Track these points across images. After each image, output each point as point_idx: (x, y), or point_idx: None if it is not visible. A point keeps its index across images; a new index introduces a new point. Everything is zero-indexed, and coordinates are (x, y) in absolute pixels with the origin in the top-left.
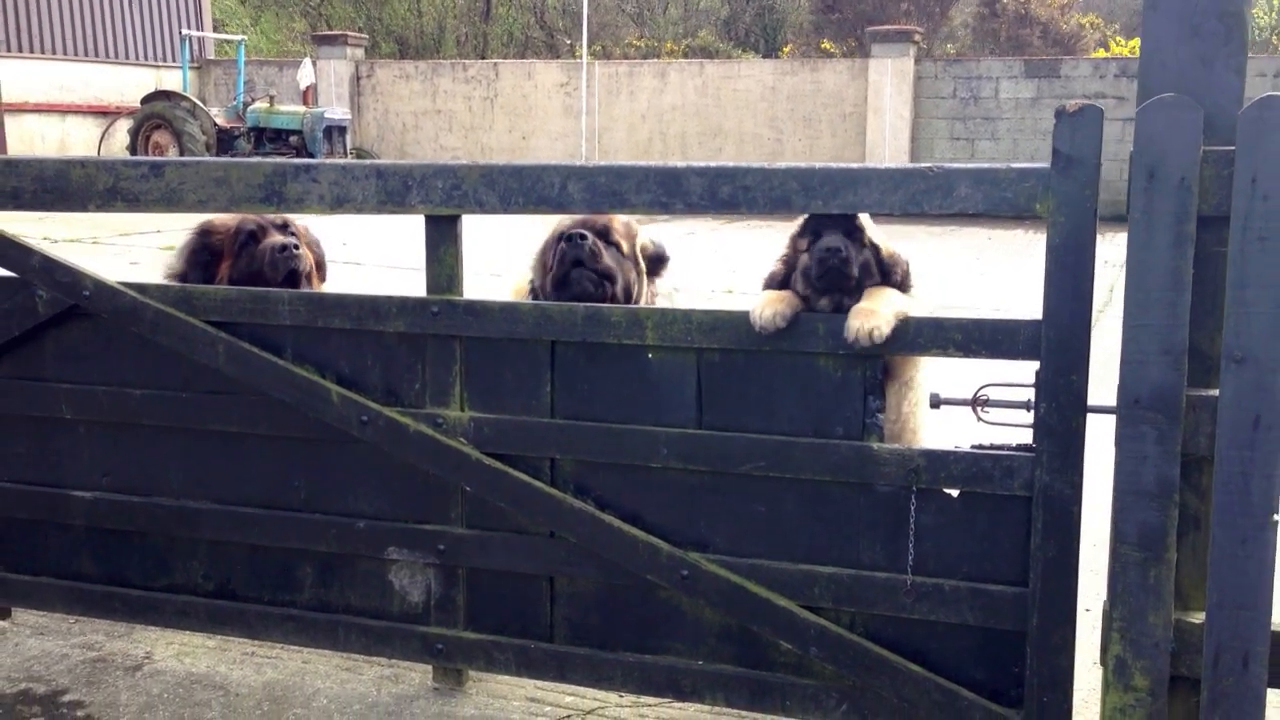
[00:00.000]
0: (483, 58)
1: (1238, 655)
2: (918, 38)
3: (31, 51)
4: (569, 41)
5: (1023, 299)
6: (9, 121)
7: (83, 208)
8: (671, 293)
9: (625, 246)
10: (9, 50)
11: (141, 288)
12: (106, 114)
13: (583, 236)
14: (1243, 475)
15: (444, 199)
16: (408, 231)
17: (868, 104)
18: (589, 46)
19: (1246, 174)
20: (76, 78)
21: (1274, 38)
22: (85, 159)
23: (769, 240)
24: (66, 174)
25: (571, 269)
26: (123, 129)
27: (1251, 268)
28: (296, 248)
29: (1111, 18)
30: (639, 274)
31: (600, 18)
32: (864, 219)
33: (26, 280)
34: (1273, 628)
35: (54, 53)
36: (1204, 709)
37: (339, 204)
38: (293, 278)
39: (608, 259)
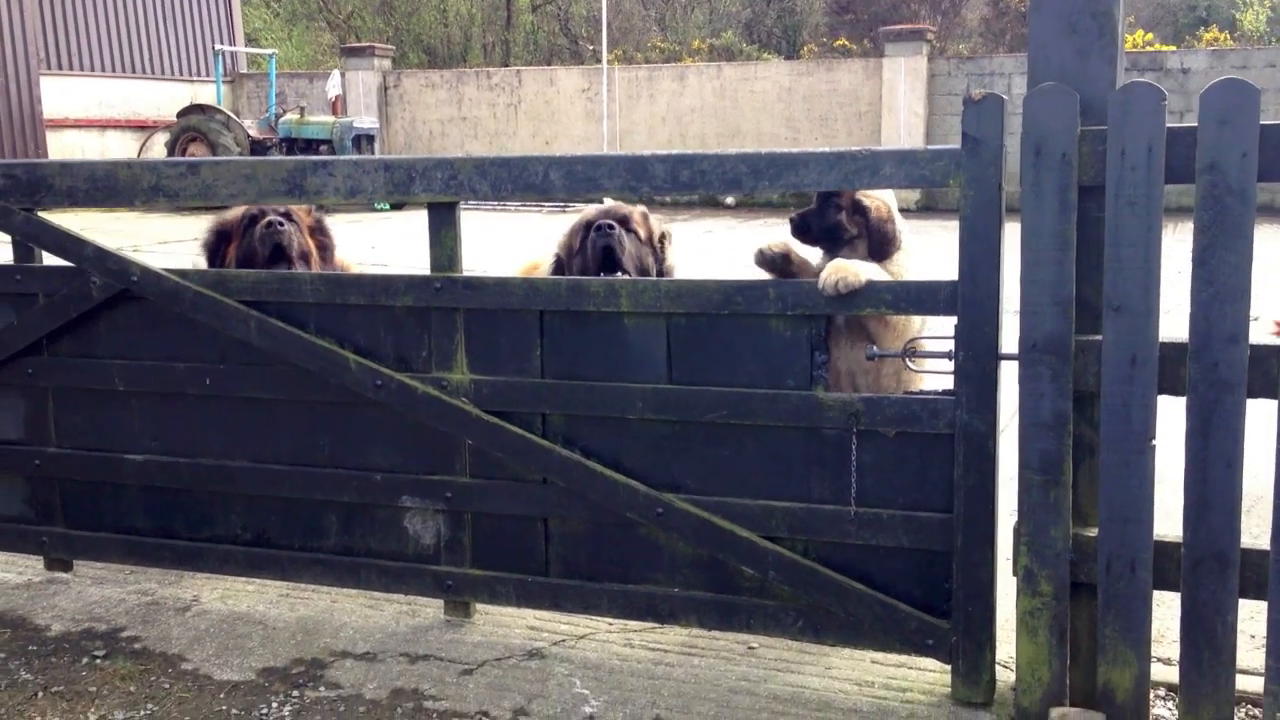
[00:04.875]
0: (507, 65)
1: (1126, 562)
2: (931, 36)
3: (71, 69)
4: (592, 47)
5: None
6: (51, 137)
7: (130, 204)
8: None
9: (642, 233)
10: (50, 68)
11: (183, 273)
12: (144, 128)
13: (610, 226)
14: (1124, 406)
15: (443, 187)
16: (428, 238)
17: (882, 102)
18: (613, 51)
19: (1117, 149)
20: (115, 93)
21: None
22: (131, 161)
23: (780, 237)
24: (115, 174)
25: (602, 254)
26: (160, 142)
27: (1124, 229)
28: (282, 225)
29: (1124, 11)
30: (655, 257)
31: (623, 22)
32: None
33: (82, 269)
34: (1155, 537)
35: (93, 70)
36: (1100, 609)
37: (352, 194)
38: (279, 252)
39: (630, 245)
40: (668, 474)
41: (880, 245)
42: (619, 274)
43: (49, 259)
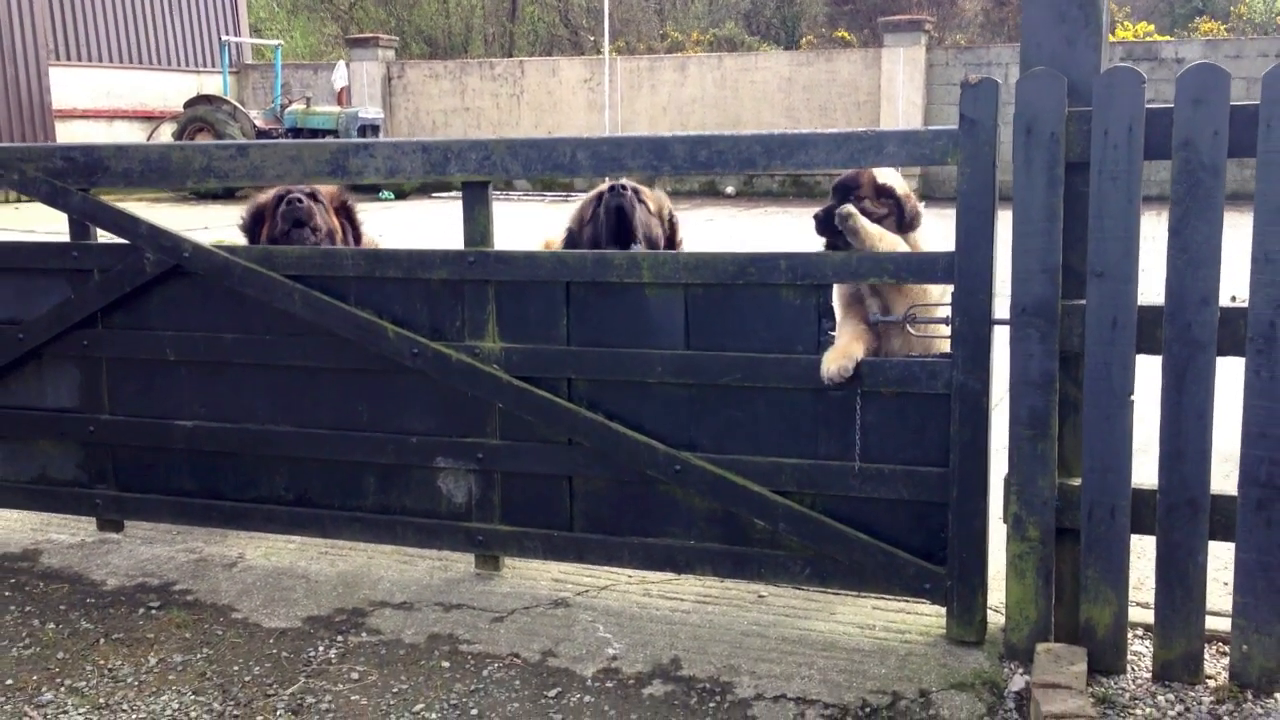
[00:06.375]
0: (509, 56)
1: (1106, 509)
2: (929, 27)
3: (80, 60)
4: (593, 38)
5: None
6: (59, 127)
7: (182, 185)
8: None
9: (651, 206)
10: (58, 59)
11: (232, 249)
12: (151, 118)
13: (623, 188)
14: (1105, 365)
15: (477, 167)
16: (432, 226)
17: (881, 92)
18: (614, 42)
19: (1101, 128)
20: (122, 84)
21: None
22: (183, 145)
23: (779, 224)
24: (168, 156)
25: (615, 214)
26: (166, 133)
27: (1106, 202)
28: (301, 201)
29: (1122, 2)
30: (663, 230)
31: (624, 14)
32: (881, 175)
33: (136, 246)
34: (1133, 485)
35: (101, 60)
36: (1083, 552)
37: (392, 174)
38: (299, 222)
39: (640, 211)
40: (685, 434)
41: (910, 219)
42: (630, 236)
43: (104, 237)
